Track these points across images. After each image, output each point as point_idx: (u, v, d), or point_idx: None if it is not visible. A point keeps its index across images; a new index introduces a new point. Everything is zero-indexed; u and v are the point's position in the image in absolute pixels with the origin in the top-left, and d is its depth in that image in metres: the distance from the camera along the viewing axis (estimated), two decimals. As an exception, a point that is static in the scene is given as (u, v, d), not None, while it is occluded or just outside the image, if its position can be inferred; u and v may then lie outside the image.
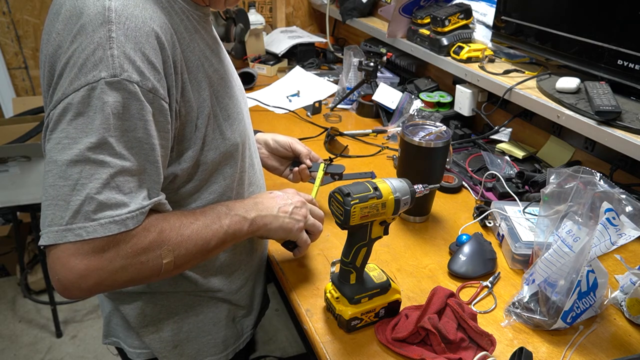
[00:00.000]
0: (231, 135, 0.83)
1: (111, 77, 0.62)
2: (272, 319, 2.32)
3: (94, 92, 0.62)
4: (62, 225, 0.62)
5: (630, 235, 0.77)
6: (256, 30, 2.20)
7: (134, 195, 0.66)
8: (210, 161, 0.81)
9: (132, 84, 0.64)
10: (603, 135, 1.08)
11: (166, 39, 0.69)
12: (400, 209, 0.81)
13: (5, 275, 2.53)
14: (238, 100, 0.88)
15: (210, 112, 0.78)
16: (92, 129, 0.62)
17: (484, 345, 0.81)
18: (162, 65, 0.68)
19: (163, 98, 0.68)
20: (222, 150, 0.82)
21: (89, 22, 0.63)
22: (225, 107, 0.83)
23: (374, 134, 1.61)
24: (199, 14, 0.79)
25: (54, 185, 0.62)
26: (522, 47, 1.41)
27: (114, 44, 0.63)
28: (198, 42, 0.78)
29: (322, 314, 0.89)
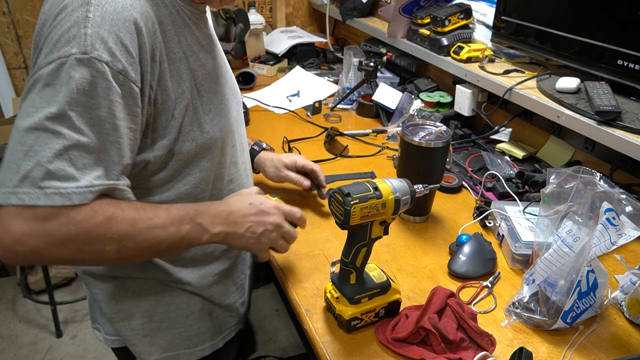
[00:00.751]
0: (210, 129, 0.84)
1: (81, 53, 0.64)
2: (272, 319, 2.32)
3: (63, 66, 0.64)
4: (9, 187, 0.63)
5: (630, 235, 0.77)
6: (256, 30, 2.20)
7: (86, 172, 0.67)
8: (186, 152, 0.81)
9: (101, 63, 0.65)
10: (603, 135, 1.08)
11: (145, 27, 0.71)
12: (400, 209, 0.81)
13: (5, 275, 2.53)
14: (225, 97, 0.89)
15: (190, 103, 0.80)
16: (55, 100, 0.64)
17: (484, 345, 0.81)
18: (137, 50, 0.70)
19: (134, 81, 0.69)
20: (199, 143, 0.82)
21: (71, 2, 0.66)
22: (208, 101, 0.84)
23: (374, 134, 1.61)
24: (191, 10, 0.81)
25: (11, 149, 0.65)
26: (522, 47, 1.41)
27: (89, 23, 0.65)
28: (186, 35, 0.80)
29: (322, 314, 0.89)
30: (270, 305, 2.39)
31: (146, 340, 0.93)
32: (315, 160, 1.41)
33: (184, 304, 0.94)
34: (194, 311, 0.95)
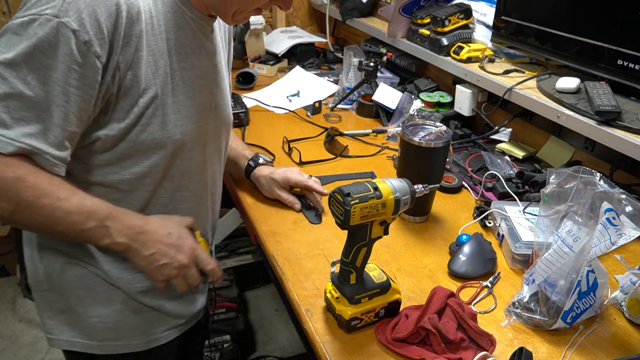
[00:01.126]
0: (172, 129, 0.85)
1: (53, 15, 0.68)
2: (272, 319, 2.32)
3: (34, 22, 0.68)
4: None
5: (630, 235, 0.77)
6: (256, 30, 2.20)
7: (20, 125, 0.69)
8: (140, 142, 0.82)
9: (67, 30, 0.68)
10: (603, 135, 1.08)
11: (127, 12, 0.73)
12: (400, 209, 0.81)
13: (5, 275, 2.53)
14: (204, 107, 0.91)
15: (159, 97, 0.81)
16: (14, 49, 0.68)
17: (484, 345, 0.81)
18: (111, 29, 0.72)
19: (98, 56, 0.72)
20: (156, 138, 0.83)
21: None
22: (180, 103, 0.85)
23: (374, 134, 1.61)
24: (193, 18, 0.84)
25: None
26: (522, 47, 1.41)
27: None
28: (179, 35, 0.83)
29: (322, 314, 0.89)
30: (270, 305, 2.39)
31: (62, 317, 0.92)
32: (315, 160, 1.41)
33: (104, 292, 0.91)
34: (115, 302, 0.92)
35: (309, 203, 1.20)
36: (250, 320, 2.29)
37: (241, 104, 1.64)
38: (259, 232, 1.12)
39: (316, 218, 1.16)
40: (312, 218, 1.16)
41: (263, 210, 1.18)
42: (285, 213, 1.18)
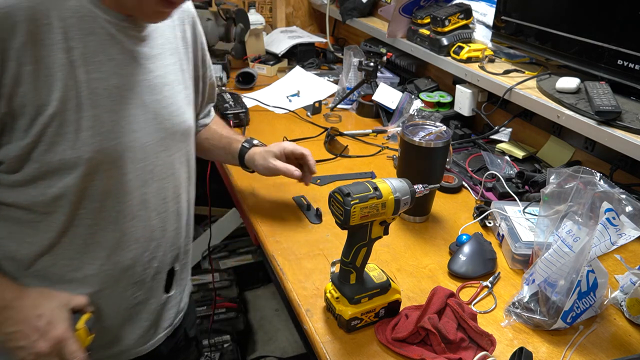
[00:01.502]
0: (83, 148, 0.77)
1: None
2: (272, 319, 2.32)
3: None
4: None
5: (630, 235, 0.77)
6: (256, 30, 2.20)
7: None
8: (47, 162, 0.76)
9: None
10: (603, 135, 1.08)
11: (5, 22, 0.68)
12: (400, 209, 0.81)
13: (5, 275, 2.52)
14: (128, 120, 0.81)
15: (59, 114, 0.74)
16: None
17: (484, 345, 0.81)
18: None
19: None
20: (64, 157, 0.76)
21: None
22: (92, 118, 0.77)
23: (374, 134, 1.61)
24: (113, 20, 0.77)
25: None
26: (522, 47, 1.41)
27: None
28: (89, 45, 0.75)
29: (322, 314, 0.89)
30: (270, 305, 2.39)
31: None
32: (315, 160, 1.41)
33: None
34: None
35: (309, 203, 1.20)
36: (250, 320, 2.28)
37: (241, 104, 1.64)
38: (259, 232, 1.12)
39: (316, 218, 1.16)
40: (312, 218, 1.16)
41: (263, 210, 1.18)
42: (285, 213, 1.18)
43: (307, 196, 1.23)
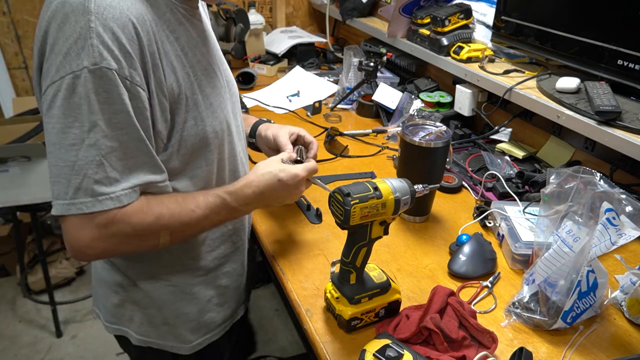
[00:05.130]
0: (211, 123, 0.86)
1: (92, 65, 0.68)
2: (272, 319, 2.32)
3: (78, 79, 0.68)
4: (66, 200, 0.71)
5: (630, 235, 0.77)
6: (256, 30, 2.20)
7: (127, 173, 0.74)
8: (190, 146, 0.84)
9: (111, 71, 0.69)
10: (603, 135, 1.08)
11: (143, 29, 0.73)
12: (400, 209, 0.81)
13: (5, 275, 2.52)
14: (221, 90, 0.91)
15: (190, 99, 0.82)
16: (81, 113, 0.69)
17: (486, 343, 0.81)
18: (139, 55, 0.72)
19: (140, 85, 0.73)
20: (201, 137, 0.85)
21: (72, 11, 0.68)
22: (208, 96, 0.86)
23: (374, 134, 1.61)
24: (184, 7, 0.83)
25: (55, 165, 0.71)
26: (522, 47, 1.41)
27: (93, 33, 0.68)
28: (181, 33, 0.81)
29: (322, 314, 0.89)
30: (270, 305, 2.39)
31: (165, 328, 0.97)
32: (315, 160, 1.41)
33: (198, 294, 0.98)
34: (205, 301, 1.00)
35: (309, 203, 1.20)
36: (250, 320, 2.29)
37: (241, 103, 1.64)
38: (259, 232, 1.12)
39: (316, 218, 1.16)
40: (312, 218, 1.16)
41: (263, 211, 1.18)
42: (285, 213, 1.18)
43: (307, 196, 1.23)
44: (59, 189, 0.71)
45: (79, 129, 0.69)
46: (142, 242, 0.80)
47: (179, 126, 0.81)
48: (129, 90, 0.71)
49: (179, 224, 0.81)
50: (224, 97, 0.92)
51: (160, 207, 0.79)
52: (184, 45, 0.82)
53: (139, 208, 0.76)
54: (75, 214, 0.71)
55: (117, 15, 0.69)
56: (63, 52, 0.68)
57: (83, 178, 0.70)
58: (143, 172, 0.76)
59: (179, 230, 0.82)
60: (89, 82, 0.68)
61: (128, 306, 0.97)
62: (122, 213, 0.74)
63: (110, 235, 0.74)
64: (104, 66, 0.68)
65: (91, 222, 0.73)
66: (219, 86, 0.91)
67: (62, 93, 0.69)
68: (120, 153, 0.72)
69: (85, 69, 0.68)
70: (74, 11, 0.68)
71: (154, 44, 0.75)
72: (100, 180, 0.71)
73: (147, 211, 0.77)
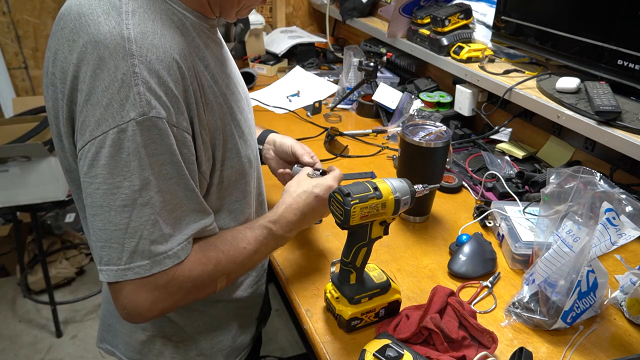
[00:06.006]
0: (245, 152, 0.82)
1: (140, 116, 0.61)
2: (272, 319, 2.32)
3: (124, 133, 0.61)
4: (120, 266, 0.65)
5: (630, 235, 0.77)
6: (256, 30, 2.20)
7: (179, 225, 0.69)
8: (228, 179, 0.80)
9: (161, 120, 0.63)
10: (603, 135, 1.08)
11: (186, 67, 0.67)
12: (400, 209, 0.81)
13: (5, 275, 2.53)
14: (247, 115, 0.86)
15: (225, 131, 0.77)
16: (131, 171, 0.63)
17: (486, 343, 0.81)
18: (183, 95, 0.67)
19: (186, 130, 0.68)
20: (237, 168, 0.81)
21: (109, 55, 0.61)
22: (239, 123, 0.81)
23: (374, 134, 1.61)
24: (207, 27, 0.77)
25: (104, 230, 0.65)
26: (522, 47, 1.41)
27: (139, 80, 0.61)
28: (209, 59, 0.75)
29: (322, 314, 0.89)
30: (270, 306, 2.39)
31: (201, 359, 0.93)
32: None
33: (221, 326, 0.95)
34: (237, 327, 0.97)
35: None
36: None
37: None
38: (259, 232, 1.12)
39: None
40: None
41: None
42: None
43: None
44: (110, 255, 0.65)
45: (130, 189, 0.63)
46: (201, 293, 0.75)
47: (218, 163, 0.77)
48: (176, 137, 0.66)
49: (234, 265, 0.77)
50: (250, 120, 0.87)
51: (216, 252, 0.75)
52: (213, 71, 0.75)
53: (197, 259, 0.71)
54: (132, 279, 0.66)
55: (162, 56, 0.63)
56: (104, 104, 0.61)
57: (139, 240, 0.64)
58: (193, 220, 0.71)
59: (234, 271, 0.78)
60: (138, 135, 0.61)
61: (158, 341, 0.90)
62: (181, 269, 0.69)
63: (171, 294, 0.69)
64: (154, 115, 0.62)
65: (150, 284, 0.67)
66: (245, 109, 0.85)
67: (107, 150, 0.61)
68: (171, 205, 0.67)
69: (132, 121, 0.61)
70: (112, 55, 0.60)
71: (195, 80, 0.69)
72: (156, 239, 0.65)
73: (205, 261, 0.72)
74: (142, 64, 0.61)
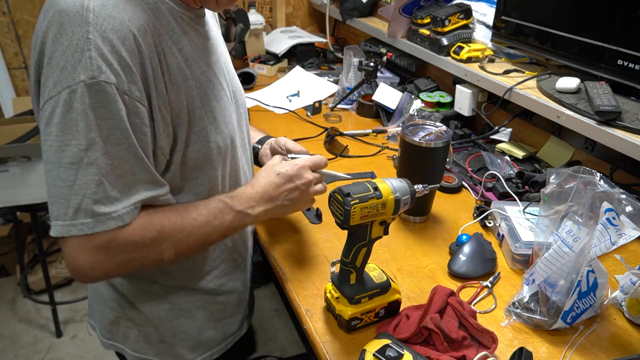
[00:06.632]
0: (214, 139, 0.83)
1: (89, 79, 0.65)
2: (272, 319, 2.32)
3: (75, 94, 0.65)
4: (66, 221, 0.68)
5: (630, 235, 0.77)
6: (256, 30, 2.20)
7: (129, 192, 0.71)
8: (192, 162, 0.81)
9: (109, 85, 0.66)
10: (603, 135, 1.08)
11: (145, 41, 0.69)
12: (400, 209, 0.81)
13: (5, 275, 2.53)
14: (226, 104, 0.87)
15: (193, 114, 0.78)
16: (78, 130, 0.66)
17: (486, 343, 0.81)
18: (140, 67, 0.69)
19: (139, 100, 0.70)
20: (204, 152, 0.82)
21: (69, 21, 0.65)
22: (212, 110, 0.82)
23: (374, 134, 1.61)
24: (189, 15, 0.79)
25: (54, 185, 0.68)
26: (522, 47, 1.41)
27: (91, 45, 0.65)
28: (185, 44, 0.78)
29: (322, 314, 0.89)
30: (270, 305, 2.39)
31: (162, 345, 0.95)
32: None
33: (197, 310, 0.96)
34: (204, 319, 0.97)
35: None
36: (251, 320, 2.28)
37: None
38: (259, 232, 1.12)
39: (316, 218, 1.16)
40: (312, 218, 1.16)
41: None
42: (285, 213, 1.18)
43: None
44: (58, 210, 0.68)
45: (77, 147, 0.66)
46: (145, 260, 0.76)
47: (181, 142, 0.78)
48: (127, 106, 0.68)
49: (181, 235, 0.77)
50: (229, 110, 0.88)
51: (162, 219, 0.76)
52: (188, 56, 0.78)
53: (141, 224, 0.73)
54: (75, 236, 0.68)
55: (117, 27, 0.66)
56: (60, 66, 0.65)
57: (82, 198, 0.67)
58: (143, 188, 0.73)
59: (182, 241, 0.78)
60: (86, 97, 0.65)
61: (123, 323, 0.94)
62: (124, 232, 0.71)
63: (113, 255, 0.72)
64: (102, 80, 0.65)
65: (91, 243, 0.69)
66: (225, 99, 0.87)
67: (60, 109, 0.65)
68: (120, 170, 0.69)
69: (82, 83, 0.64)
70: (70, 21, 0.65)
71: (156, 56, 0.72)
72: (100, 199, 0.68)
73: (148, 226, 0.74)
74: (97, 31, 0.65)
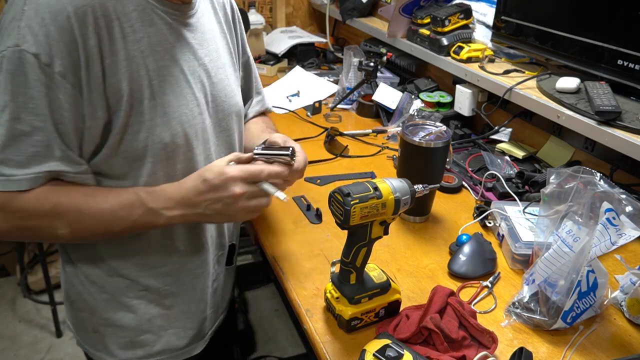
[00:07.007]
0: (160, 133, 0.80)
1: (14, 46, 0.69)
2: (272, 319, 2.32)
3: (3, 59, 0.69)
4: None
5: (630, 235, 0.77)
6: (256, 30, 2.20)
7: (35, 161, 0.72)
8: (131, 151, 0.79)
9: (30, 55, 0.69)
10: (603, 135, 1.08)
11: (81, 21, 0.71)
12: (400, 209, 0.81)
13: (5, 275, 2.53)
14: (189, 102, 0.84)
15: (140, 103, 0.78)
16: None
17: (486, 343, 0.81)
18: (70, 44, 0.70)
19: (62, 76, 0.71)
20: (145, 144, 0.79)
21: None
22: (163, 104, 0.80)
23: (374, 134, 1.61)
24: (166, 10, 0.80)
25: None
26: (522, 47, 1.41)
27: (24, 16, 0.69)
28: (148, 34, 0.78)
29: (322, 314, 0.89)
30: (270, 305, 2.39)
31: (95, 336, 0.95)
32: (315, 160, 1.41)
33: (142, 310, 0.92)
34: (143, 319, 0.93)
35: (309, 203, 1.20)
36: (250, 320, 2.29)
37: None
38: (259, 232, 1.12)
39: (316, 218, 1.16)
40: (312, 218, 1.16)
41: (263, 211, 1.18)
42: (285, 213, 1.18)
43: (307, 196, 1.23)
44: None
45: None
46: (40, 231, 0.78)
47: (117, 128, 0.77)
48: (49, 78, 0.70)
49: (78, 216, 0.76)
50: (189, 109, 0.84)
51: (61, 196, 0.76)
52: (147, 47, 0.77)
53: (38, 194, 0.74)
54: None
55: (52, 3, 0.69)
56: (1, 34, 0.71)
57: None
58: (54, 161, 0.74)
59: (79, 222, 0.77)
60: (7, 62, 0.69)
61: (68, 304, 0.96)
62: (19, 198, 0.73)
63: (8, 218, 0.74)
64: (24, 49, 0.68)
65: None
66: (188, 97, 0.84)
67: None
68: (32, 140, 0.71)
69: (8, 49, 0.69)
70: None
71: (96, 38, 0.72)
72: (4, 160, 0.71)
73: (43, 198, 0.74)
74: (32, 5, 0.69)
